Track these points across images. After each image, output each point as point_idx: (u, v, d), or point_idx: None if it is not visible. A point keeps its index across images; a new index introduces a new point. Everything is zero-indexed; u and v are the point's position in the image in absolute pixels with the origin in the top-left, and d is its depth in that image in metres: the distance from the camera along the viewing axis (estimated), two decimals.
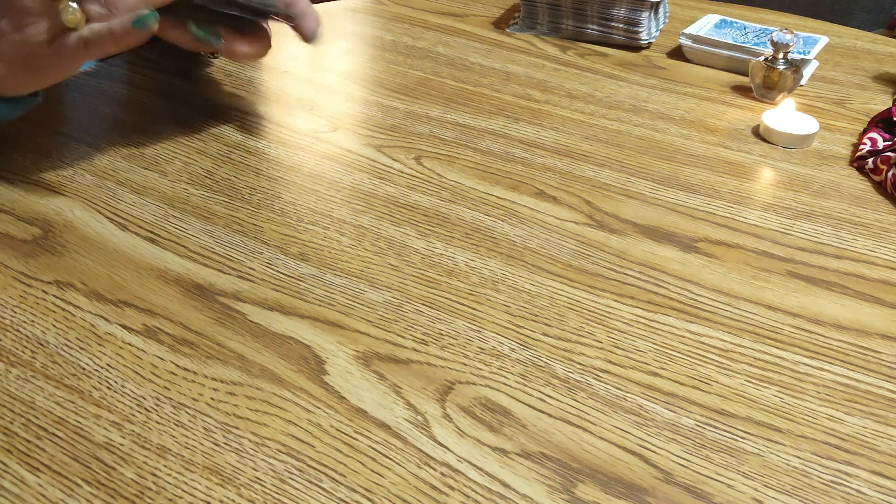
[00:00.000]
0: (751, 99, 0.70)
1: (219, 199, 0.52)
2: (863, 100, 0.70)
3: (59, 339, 0.40)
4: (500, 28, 0.85)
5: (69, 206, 0.51)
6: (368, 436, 0.36)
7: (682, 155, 0.60)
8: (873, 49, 0.82)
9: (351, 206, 0.52)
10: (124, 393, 0.37)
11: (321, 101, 0.66)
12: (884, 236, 0.51)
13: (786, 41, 0.66)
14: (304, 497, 0.33)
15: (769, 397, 0.38)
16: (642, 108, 0.67)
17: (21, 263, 0.46)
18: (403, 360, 0.40)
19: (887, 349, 0.42)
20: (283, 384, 0.38)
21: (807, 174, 0.58)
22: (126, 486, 0.33)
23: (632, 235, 0.50)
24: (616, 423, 0.37)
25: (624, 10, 0.78)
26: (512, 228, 0.50)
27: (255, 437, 0.35)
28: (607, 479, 0.34)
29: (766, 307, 0.44)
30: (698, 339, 0.42)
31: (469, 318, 0.43)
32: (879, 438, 0.37)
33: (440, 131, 0.62)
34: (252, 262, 0.46)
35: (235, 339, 0.41)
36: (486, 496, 0.33)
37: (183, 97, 0.66)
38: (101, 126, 0.61)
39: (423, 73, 0.72)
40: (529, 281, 0.46)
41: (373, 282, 0.45)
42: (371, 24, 0.85)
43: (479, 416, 0.37)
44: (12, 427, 0.35)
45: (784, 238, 0.51)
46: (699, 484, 0.34)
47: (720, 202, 0.54)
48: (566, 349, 0.41)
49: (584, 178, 0.57)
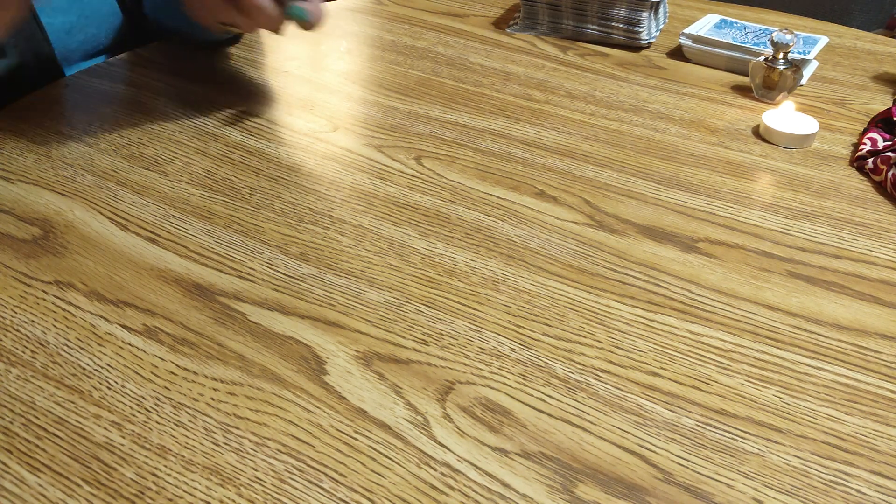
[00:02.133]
0: (751, 99, 0.70)
1: (219, 199, 0.52)
2: (863, 100, 0.70)
3: (60, 339, 0.40)
4: (500, 28, 0.85)
5: (69, 206, 0.51)
6: (368, 436, 0.36)
7: (683, 155, 0.60)
8: (873, 49, 0.82)
9: (351, 206, 0.52)
10: (124, 393, 0.37)
11: (321, 101, 0.66)
12: (884, 236, 0.51)
13: (786, 41, 0.66)
14: (304, 497, 0.33)
15: (769, 397, 0.38)
16: (642, 108, 0.67)
17: (21, 263, 0.46)
18: (404, 360, 0.40)
19: (887, 349, 0.42)
20: (283, 384, 0.38)
21: (807, 174, 0.58)
22: (126, 486, 0.33)
23: (632, 235, 0.50)
24: (616, 423, 0.37)
25: (624, 10, 0.78)
26: (512, 228, 0.50)
27: (255, 437, 0.35)
28: (607, 479, 0.34)
29: (766, 307, 0.44)
30: (698, 339, 0.42)
31: (469, 318, 0.43)
32: (879, 438, 0.37)
33: (440, 131, 0.62)
34: (252, 262, 0.46)
35: (235, 339, 0.41)
36: (486, 496, 0.33)
37: (183, 97, 0.66)
38: (101, 126, 0.61)
39: (423, 73, 0.72)
40: (530, 281, 0.46)
41: (373, 282, 0.45)
42: (371, 24, 0.85)
43: (479, 417, 0.37)
44: (12, 427, 0.35)
45: (784, 238, 0.51)
46: (699, 484, 0.34)
47: (720, 202, 0.54)
48: (566, 349, 0.41)
49: (584, 178, 0.57)
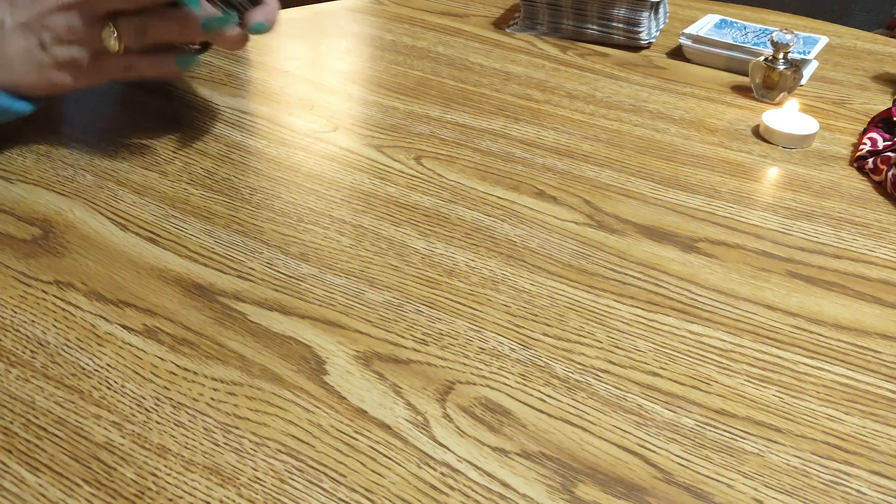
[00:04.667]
0: (751, 99, 0.70)
1: (219, 199, 0.52)
2: (863, 100, 0.70)
3: (60, 339, 0.40)
4: (500, 28, 0.85)
5: (69, 206, 0.51)
6: (368, 436, 0.36)
7: (682, 155, 0.60)
8: (873, 49, 0.82)
9: (351, 206, 0.52)
10: (124, 393, 0.37)
11: (321, 101, 0.66)
12: (884, 236, 0.51)
13: (786, 41, 0.66)
14: (304, 497, 0.33)
15: (769, 397, 0.38)
16: (642, 108, 0.67)
17: (21, 263, 0.46)
18: (403, 360, 0.40)
19: (887, 349, 0.42)
20: (283, 384, 0.38)
21: (807, 174, 0.58)
22: (126, 486, 0.33)
23: (632, 235, 0.50)
24: (616, 423, 0.37)
25: (624, 10, 0.78)
26: (512, 228, 0.50)
27: (255, 437, 0.35)
28: (607, 479, 0.34)
29: (766, 307, 0.44)
30: (698, 339, 0.42)
31: (469, 318, 0.43)
32: (879, 438, 0.37)
33: (440, 131, 0.62)
34: (252, 262, 0.46)
35: (235, 339, 0.41)
36: (486, 496, 0.33)
37: (183, 97, 0.66)
38: (101, 126, 0.61)
39: (423, 73, 0.72)
40: (529, 281, 0.46)
41: (373, 282, 0.45)
42: (371, 24, 0.85)
43: (479, 416, 0.37)
44: (12, 427, 0.35)
45: (784, 238, 0.51)
46: (699, 484, 0.34)
47: (720, 202, 0.54)
48: (566, 349, 0.41)
49: (584, 178, 0.57)
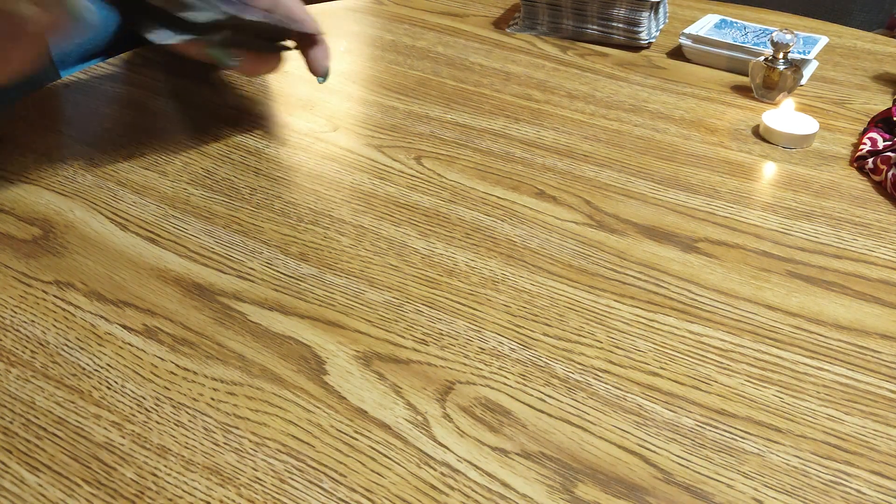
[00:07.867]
0: (751, 99, 0.70)
1: (219, 199, 0.52)
2: (863, 100, 0.70)
3: (59, 339, 0.40)
4: (500, 28, 0.85)
5: (69, 206, 0.51)
6: (368, 436, 0.36)
7: (682, 155, 0.60)
8: (873, 49, 0.82)
9: (351, 206, 0.52)
10: (124, 393, 0.37)
11: (321, 101, 0.66)
12: (884, 236, 0.51)
13: (786, 41, 0.66)
14: (304, 497, 0.33)
15: (769, 397, 0.38)
16: (642, 108, 0.67)
17: (21, 263, 0.46)
18: (403, 360, 0.40)
19: (887, 349, 0.42)
20: (283, 384, 0.38)
21: (807, 174, 0.58)
22: (126, 486, 0.33)
23: (632, 235, 0.50)
24: (616, 423, 0.37)
25: (624, 10, 0.78)
26: (512, 228, 0.50)
27: (255, 437, 0.35)
28: (607, 479, 0.34)
29: (766, 307, 0.44)
30: (698, 339, 0.42)
31: (469, 318, 0.43)
32: (879, 438, 0.37)
33: (440, 131, 0.62)
34: (252, 262, 0.46)
35: (235, 339, 0.41)
36: (486, 496, 0.33)
37: (183, 97, 0.66)
38: (101, 126, 0.61)
39: (423, 73, 0.72)
40: (529, 281, 0.46)
41: (373, 282, 0.45)
42: (371, 24, 0.85)
43: (479, 416, 0.37)
44: (12, 427, 0.35)
45: (784, 238, 0.51)
46: (699, 484, 0.34)
47: (720, 202, 0.54)
48: (566, 349, 0.41)
49: (584, 178, 0.57)
